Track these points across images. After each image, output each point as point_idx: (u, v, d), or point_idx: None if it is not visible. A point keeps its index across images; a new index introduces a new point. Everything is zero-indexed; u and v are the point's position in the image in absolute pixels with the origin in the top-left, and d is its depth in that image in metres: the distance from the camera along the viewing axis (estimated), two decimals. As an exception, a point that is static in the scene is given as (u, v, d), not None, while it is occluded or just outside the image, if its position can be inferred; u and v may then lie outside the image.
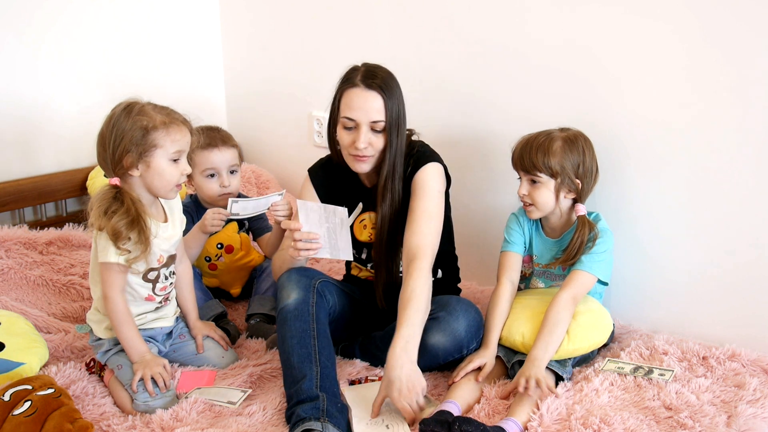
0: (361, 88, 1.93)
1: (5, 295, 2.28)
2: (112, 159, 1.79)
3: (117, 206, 1.78)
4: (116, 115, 1.79)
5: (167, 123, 1.79)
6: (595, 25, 2.15)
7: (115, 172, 1.81)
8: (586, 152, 2.00)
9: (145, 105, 1.82)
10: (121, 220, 1.77)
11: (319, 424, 1.67)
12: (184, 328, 2.08)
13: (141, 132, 1.76)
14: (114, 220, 1.76)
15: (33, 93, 2.67)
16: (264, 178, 3.06)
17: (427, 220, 1.95)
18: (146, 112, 1.79)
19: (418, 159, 2.02)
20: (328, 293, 1.95)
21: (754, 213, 1.98)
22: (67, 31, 2.74)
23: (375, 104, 1.92)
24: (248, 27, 3.14)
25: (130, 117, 1.77)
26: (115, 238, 1.77)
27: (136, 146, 1.76)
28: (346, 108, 1.94)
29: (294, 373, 1.79)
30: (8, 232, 2.44)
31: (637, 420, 1.67)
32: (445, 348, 1.92)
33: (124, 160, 1.78)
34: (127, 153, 1.77)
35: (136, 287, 1.90)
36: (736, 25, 1.92)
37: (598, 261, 1.98)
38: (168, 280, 1.97)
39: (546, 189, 1.99)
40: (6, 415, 1.62)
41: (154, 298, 1.94)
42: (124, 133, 1.76)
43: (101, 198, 1.80)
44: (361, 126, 1.93)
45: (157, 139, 1.78)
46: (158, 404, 1.81)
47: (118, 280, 1.84)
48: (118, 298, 1.84)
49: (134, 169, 1.79)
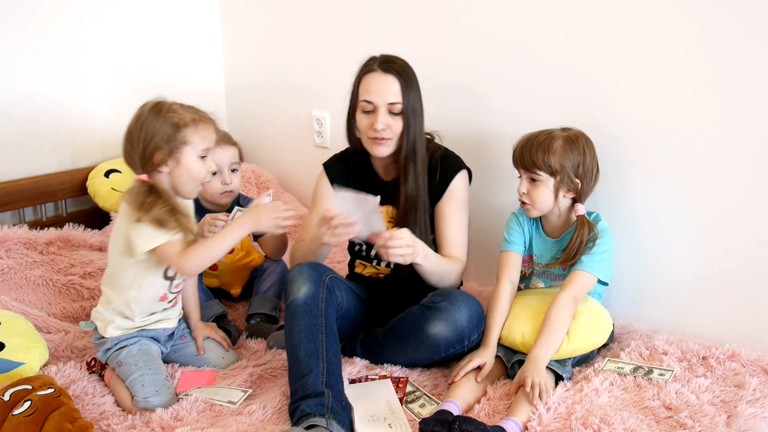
0: (378, 72, 2.01)
1: (5, 295, 2.28)
2: (142, 156, 1.80)
3: (153, 198, 1.78)
4: (145, 113, 1.81)
5: (196, 120, 1.82)
6: (595, 26, 2.15)
7: (144, 168, 1.82)
8: (586, 152, 2.00)
9: (173, 104, 1.84)
10: (162, 209, 1.78)
11: (324, 421, 1.67)
12: (186, 329, 2.08)
13: (172, 129, 1.78)
14: (154, 210, 1.77)
15: (33, 93, 2.67)
16: (264, 178, 3.06)
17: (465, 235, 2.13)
18: (175, 110, 1.81)
19: (446, 162, 2.11)
20: (337, 289, 1.96)
21: (754, 213, 1.98)
22: (68, 30, 2.74)
23: (392, 87, 1.99)
24: (248, 27, 3.14)
25: (161, 115, 1.79)
26: (159, 226, 1.78)
27: (167, 143, 1.78)
28: (365, 92, 2.02)
29: (300, 367, 1.79)
30: (8, 232, 2.44)
31: (637, 420, 1.67)
32: (447, 338, 1.92)
33: (154, 157, 1.79)
34: (158, 150, 1.78)
35: (156, 285, 1.90)
36: (735, 25, 1.92)
37: (599, 261, 1.98)
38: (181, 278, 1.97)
39: (545, 187, 1.99)
40: (6, 414, 1.62)
41: (167, 297, 1.95)
42: (155, 130, 1.78)
43: (135, 192, 1.80)
44: (379, 108, 1.99)
45: (187, 136, 1.80)
46: (158, 402, 1.81)
47: (177, 246, 1.83)
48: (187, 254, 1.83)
49: (164, 165, 1.80)
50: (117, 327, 1.91)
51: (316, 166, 2.56)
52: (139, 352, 1.90)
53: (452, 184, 2.10)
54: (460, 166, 2.14)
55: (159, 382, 1.85)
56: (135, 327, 1.93)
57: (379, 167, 2.17)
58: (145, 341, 1.94)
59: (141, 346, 1.92)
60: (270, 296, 2.36)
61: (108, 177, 2.72)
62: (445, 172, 2.11)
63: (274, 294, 2.39)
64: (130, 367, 1.87)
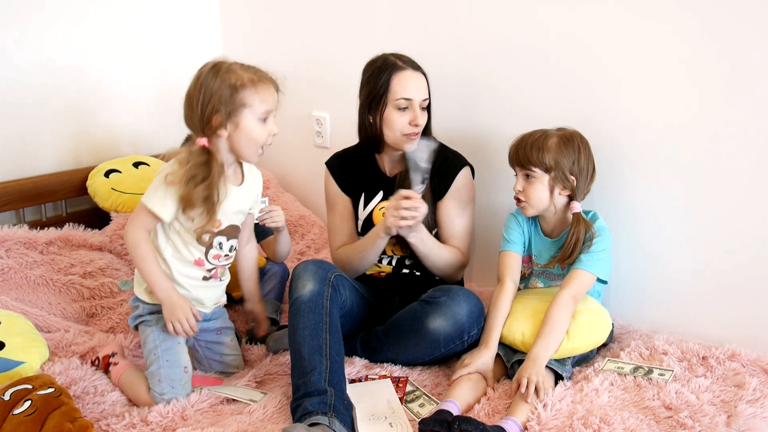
0: (411, 70, 2.07)
1: (5, 294, 2.27)
2: (201, 119, 1.75)
3: (204, 175, 1.74)
4: (204, 74, 1.75)
5: (255, 81, 1.76)
6: (596, 25, 2.15)
7: (204, 132, 1.76)
8: (581, 150, 2.00)
9: (232, 64, 1.78)
10: (203, 192, 1.74)
11: (326, 419, 1.68)
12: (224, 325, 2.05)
13: (229, 90, 1.72)
14: (197, 190, 1.74)
15: (33, 92, 2.67)
16: (264, 178, 3.03)
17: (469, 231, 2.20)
18: (234, 70, 1.75)
19: (449, 159, 2.16)
20: (342, 288, 1.97)
21: (754, 213, 1.98)
22: (69, 30, 2.74)
23: (423, 84, 2.09)
24: (248, 26, 3.14)
25: (218, 76, 1.73)
26: (184, 205, 1.76)
27: (225, 105, 1.72)
28: (402, 89, 2.05)
29: (303, 365, 1.79)
30: (8, 232, 2.44)
31: (637, 420, 1.67)
32: (447, 332, 1.93)
33: (213, 120, 1.74)
34: (216, 112, 1.73)
35: (189, 246, 1.86)
36: (735, 25, 1.92)
37: (597, 260, 1.98)
38: (223, 251, 1.91)
39: (540, 184, 2.00)
40: (6, 414, 1.62)
41: (204, 263, 1.89)
42: (212, 92, 1.72)
43: (193, 159, 1.75)
44: (416, 105, 2.06)
45: (245, 97, 1.74)
46: (173, 398, 1.80)
47: (148, 223, 1.81)
48: (141, 234, 1.81)
49: (222, 129, 1.75)
50: (150, 290, 1.87)
51: (316, 166, 2.56)
52: (161, 336, 1.87)
53: (456, 181, 2.14)
54: (463, 162, 2.18)
55: (176, 378, 1.83)
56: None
57: (384, 163, 2.20)
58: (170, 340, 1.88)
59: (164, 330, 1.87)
60: (271, 299, 2.36)
61: (108, 177, 2.71)
62: (449, 169, 2.14)
63: (275, 296, 2.39)
64: (150, 355, 1.85)
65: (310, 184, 3.04)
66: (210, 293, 1.96)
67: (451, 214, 2.15)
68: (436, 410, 1.72)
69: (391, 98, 2.06)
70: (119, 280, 2.10)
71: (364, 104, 2.13)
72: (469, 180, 2.19)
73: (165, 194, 1.77)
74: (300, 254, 2.79)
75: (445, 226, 2.16)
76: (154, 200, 1.78)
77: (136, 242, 1.81)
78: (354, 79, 2.18)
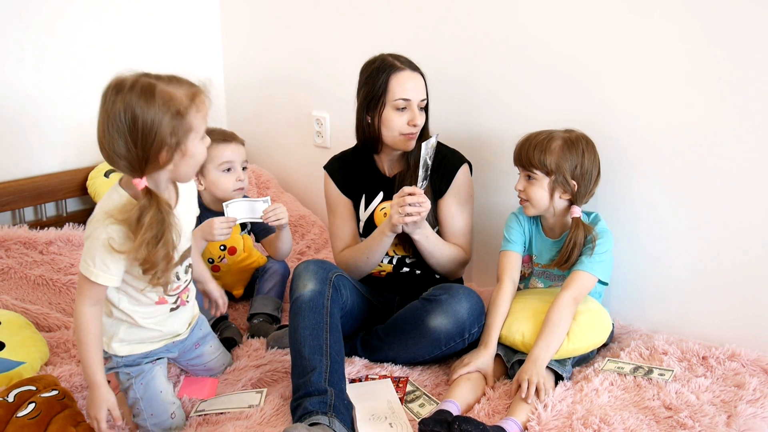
0: (409, 71, 2.08)
1: (5, 294, 2.28)
2: (142, 158, 1.47)
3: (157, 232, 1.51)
4: (132, 103, 1.45)
5: (193, 97, 1.51)
6: (597, 25, 2.15)
7: (145, 171, 1.50)
8: (585, 155, 2.00)
9: (156, 83, 1.48)
10: (162, 251, 1.52)
11: (326, 419, 1.68)
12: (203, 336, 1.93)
13: (176, 119, 1.46)
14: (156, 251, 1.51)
15: (33, 92, 2.67)
16: (264, 178, 3.06)
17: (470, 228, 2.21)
18: (167, 91, 1.47)
19: (447, 157, 2.17)
20: (342, 287, 1.97)
21: (755, 213, 1.98)
22: (70, 30, 2.74)
23: (421, 84, 2.10)
24: (248, 26, 3.14)
25: (153, 103, 1.45)
26: (145, 269, 1.54)
27: (172, 136, 1.47)
28: (400, 90, 2.06)
29: (304, 364, 1.79)
30: (8, 232, 2.44)
31: (637, 420, 1.67)
32: (447, 330, 1.93)
33: (160, 157, 1.48)
34: (163, 147, 1.47)
35: (145, 292, 1.67)
36: (736, 26, 1.92)
37: (599, 261, 1.98)
38: (182, 279, 1.73)
39: (540, 187, 2.00)
40: (10, 416, 1.62)
41: (167, 300, 1.73)
42: (154, 125, 1.45)
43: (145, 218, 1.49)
44: (414, 105, 2.08)
45: (191, 121, 1.49)
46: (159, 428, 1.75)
47: (97, 295, 1.59)
48: (90, 311, 1.58)
49: (170, 163, 1.51)
50: (122, 340, 1.72)
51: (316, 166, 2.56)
52: (140, 389, 1.74)
53: (456, 178, 2.15)
54: (461, 159, 2.19)
55: (165, 424, 1.75)
56: (142, 342, 1.75)
57: (383, 164, 2.20)
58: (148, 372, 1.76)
59: (144, 381, 1.74)
60: (272, 296, 2.37)
61: (108, 177, 2.72)
62: (448, 167, 2.16)
63: (276, 294, 2.39)
64: (134, 406, 1.74)
65: (310, 184, 3.04)
66: (181, 318, 1.81)
67: (452, 212, 2.16)
68: (436, 410, 1.72)
69: (389, 99, 2.06)
70: None
71: (362, 105, 2.13)
72: (468, 177, 2.20)
73: (105, 260, 1.52)
74: (300, 254, 2.79)
75: (446, 224, 2.17)
76: (95, 271, 1.53)
77: (79, 323, 1.58)
78: (354, 79, 2.18)
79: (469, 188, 2.20)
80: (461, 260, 2.16)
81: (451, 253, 2.12)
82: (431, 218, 2.12)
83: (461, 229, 2.18)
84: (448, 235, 2.17)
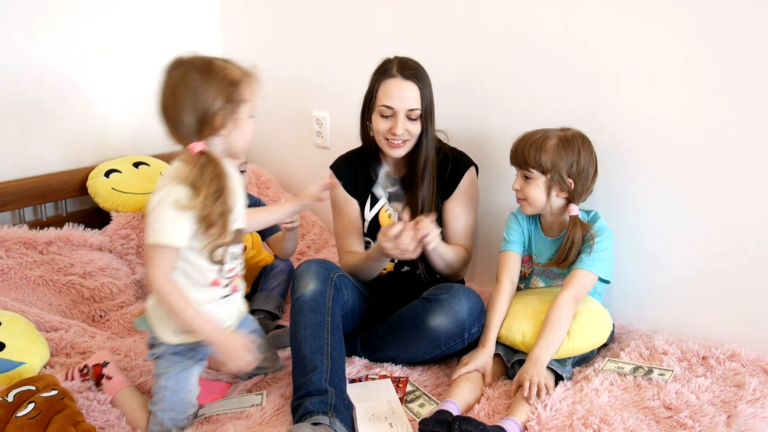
0: (399, 79, 2.04)
1: (5, 295, 2.27)
2: (198, 122, 1.61)
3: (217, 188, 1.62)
4: (191, 74, 1.63)
5: (246, 74, 1.67)
6: (597, 25, 2.15)
7: (201, 135, 1.63)
8: (581, 153, 1.99)
9: (215, 59, 1.68)
10: (219, 207, 1.62)
11: (327, 419, 1.68)
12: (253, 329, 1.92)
13: (231, 87, 1.62)
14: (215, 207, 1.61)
15: (33, 92, 2.67)
16: (264, 178, 3.06)
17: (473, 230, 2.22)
18: (226, 66, 1.66)
19: (456, 160, 2.17)
20: (344, 287, 1.97)
21: (755, 212, 1.98)
22: (70, 30, 2.73)
23: (412, 93, 2.04)
24: (248, 26, 3.14)
25: (213, 74, 1.62)
26: (206, 226, 1.62)
27: (227, 103, 1.61)
28: (385, 97, 2.05)
29: (305, 364, 1.79)
30: (8, 232, 2.44)
31: (637, 420, 1.67)
32: (447, 330, 1.93)
33: (215, 120, 1.61)
34: (218, 111, 1.61)
35: (202, 270, 1.70)
36: (735, 25, 1.92)
37: (599, 259, 1.98)
38: (235, 261, 1.78)
39: (536, 185, 2.00)
40: (9, 416, 1.62)
41: (220, 282, 1.75)
42: (210, 91, 1.60)
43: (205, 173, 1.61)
44: (399, 114, 2.04)
45: (243, 92, 1.65)
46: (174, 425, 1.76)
47: (168, 263, 1.65)
48: (165, 280, 1.64)
49: (223, 128, 1.63)
50: (175, 329, 1.73)
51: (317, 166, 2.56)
52: (172, 380, 1.76)
53: (462, 181, 2.17)
54: (468, 162, 2.20)
55: (179, 421, 1.77)
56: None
57: (388, 165, 2.20)
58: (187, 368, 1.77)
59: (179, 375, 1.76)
60: (275, 294, 2.37)
61: (108, 177, 2.71)
62: (455, 170, 2.17)
63: (280, 293, 2.39)
64: (158, 392, 1.76)
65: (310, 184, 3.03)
66: (231, 308, 1.83)
67: (457, 213, 2.17)
68: (436, 410, 1.72)
69: (376, 103, 2.08)
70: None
71: (362, 106, 2.15)
72: (474, 179, 2.22)
73: (174, 221, 1.61)
74: (300, 254, 2.79)
75: (450, 225, 2.18)
76: (163, 234, 1.61)
77: (165, 291, 1.64)
78: (354, 80, 2.18)
79: (474, 190, 2.21)
80: (464, 261, 2.17)
81: (455, 256, 2.12)
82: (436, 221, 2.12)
83: (464, 230, 2.19)
84: (450, 236, 2.17)
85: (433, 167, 2.13)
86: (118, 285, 2.44)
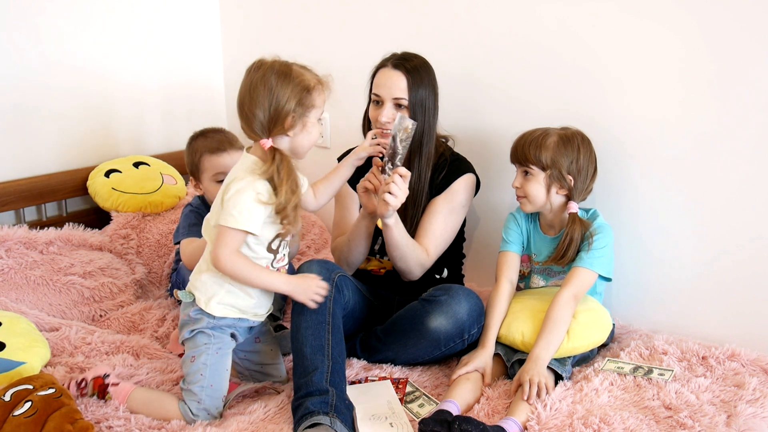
0: (388, 68, 2.10)
1: (5, 295, 2.27)
2: (271, 120, 1.75)
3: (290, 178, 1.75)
4: (271, 75, 1.77)
5: (320, 82, 1.80)
6: (597, 25, 2.16)
7: (271, 132, 1.76)
8: (581, 151, 2.00)
9: (293, 64, 1.82)
10: (294, 200, 1.75)
11: (328, 419, 1.68)
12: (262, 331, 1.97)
13: (304, 92, 1.75)
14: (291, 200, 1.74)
15: (33, 92, 2.67)
16: (264, 178, 3.06)
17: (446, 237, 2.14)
18: (303, 72, 1.80)
19: (455, 163, 2.16)
20: (345, 288, 1.96)
21: (755, 212, 1.98)
22: (71, 30, 2.74)
23: (399, 83, 2.07)
24: (248, 25, 3.14)
25: (290, 77, 1.76)
26: (282, 217, 1.75)
27: (299, 106, 1.75)
28: (375, 85, 2.12)
29: (305, 364, 1.79)
30: (8, 232, 2.44)
31: (637, 420, 1.67)
32: (447, 331, 1.93)
33: (286, 121, 1.74)
34: (290, 113, 1.74)
35: (258, 258, 1.81)
36: (734, 24, 1.92)
37: (598, 257, 1.98)
38: (283, 252, 1.88)
39: (536, 182, 2.00)
40: (6, 415, 1.62)
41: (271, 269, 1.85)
42: (285, 94, 1.74)
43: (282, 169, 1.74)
44: (386, 102, 2.08)
45: (315, 99, 1.78)
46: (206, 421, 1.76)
47: (238, 242, 1.76)
48: (236, 256, 1.75)
49: (292, 129, 1.76)
50: (221, 302, 1.81)
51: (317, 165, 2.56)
52: (213, 358, 1.81)
53: (454, 184, 2.14)
54: (467, 169, 2.17)
55: (214, 405, 1.79)
56: (238, 307, 1.82)
57: None
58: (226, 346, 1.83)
59: (219, 352, 1.81)
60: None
61: (108, 177, 2.72)
62: (451, 172, 2.15)
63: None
64: (195, 373, 1.79)
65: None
66: (269, 298, 1.91)
67: (435, 212, 2.12)
68: (436, 410, 1.72)
69: (371, 92, 2.14)
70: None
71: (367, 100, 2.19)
72: (468, 187, 2.17)
73: (252, 211, 1.73)
74: (300, 254, 2.79)
75: (424, 222, 2.13)
76: (241, 219, 1.72)
77: (234, 263, 1.75)
78: (354, 79, 2.18)
79: (462, 197, 2.15)
80: (420, 262, 2.07)
81: (414, 251, 2.05)
82: (419, 214, 2.12)
83: (435, 231, 2.11)
84: (420, 233, 2.11)
85: (429, 163, 2.12)
86: (118, 285, 2.44)
